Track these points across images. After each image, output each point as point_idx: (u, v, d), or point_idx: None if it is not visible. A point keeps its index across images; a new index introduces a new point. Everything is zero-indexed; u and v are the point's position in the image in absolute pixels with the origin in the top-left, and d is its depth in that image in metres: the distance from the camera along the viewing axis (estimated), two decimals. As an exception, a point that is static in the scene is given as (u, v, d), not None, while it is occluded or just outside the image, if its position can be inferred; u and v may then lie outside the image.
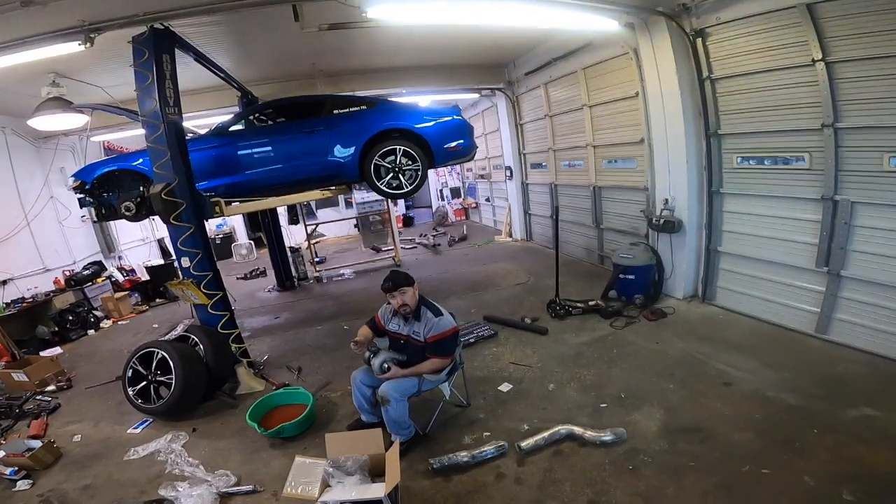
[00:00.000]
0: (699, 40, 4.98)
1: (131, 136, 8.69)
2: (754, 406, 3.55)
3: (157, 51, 4.13)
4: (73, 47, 4.03)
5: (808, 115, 4.19)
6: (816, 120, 4.12)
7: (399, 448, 3.07)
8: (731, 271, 5.40)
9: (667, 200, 5.71)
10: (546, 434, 3.34)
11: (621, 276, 5.87)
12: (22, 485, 3.58)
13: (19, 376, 5.43)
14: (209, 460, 3.64)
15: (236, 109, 7.27)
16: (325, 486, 3.03)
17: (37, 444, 3.94)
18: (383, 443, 3.17)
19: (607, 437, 3.27)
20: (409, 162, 5.34)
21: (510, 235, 11.11)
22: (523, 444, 3.27)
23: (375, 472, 3.04)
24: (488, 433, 3.56)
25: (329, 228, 13.10)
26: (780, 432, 3.20)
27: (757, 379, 3.92)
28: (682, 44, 5.10)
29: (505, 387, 4.24)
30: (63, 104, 5.50)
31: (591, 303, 5.76)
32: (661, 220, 5.67)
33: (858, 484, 2.65)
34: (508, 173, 10.59)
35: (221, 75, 6.02)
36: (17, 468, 3.69)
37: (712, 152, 5.22)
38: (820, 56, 3.95)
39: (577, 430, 3.37)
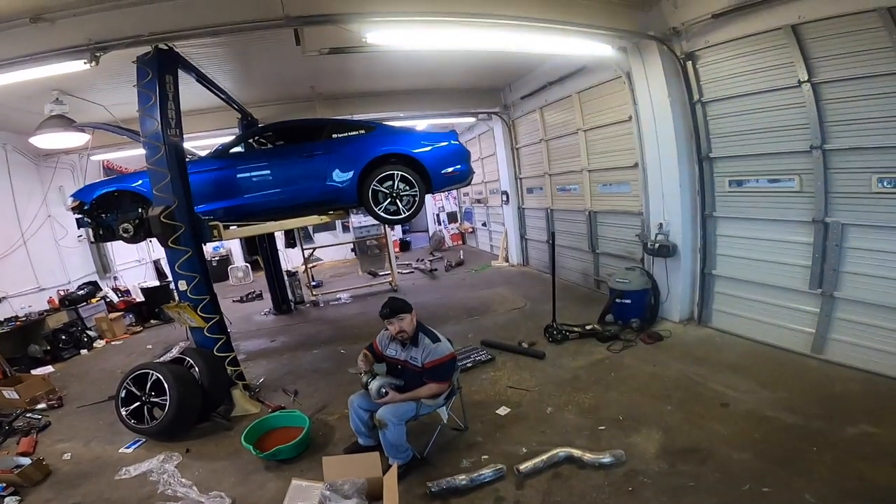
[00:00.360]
0: (689, 63, 5.13)
1: (132, 156, 8.72)
2: (752, 426, 3.54)
3: (161, 71, 4.18)
4: (78, 65, 4.06)
5: (797, 137, 4.31)
6: (805, 142, 4.23)
7: (397, 472, 3.04)
8: (726, 294, 5.44)
9: (661, 225, 5.79)
10: (545, 457, 3.31)
11: (617, 300, 5.89)
12: (10, 501, 3.54)
13: (10, 394, 5.37)
14: (203, 481, 3.57)
15: (236, 131, 7.36)
16: (323, 509, 2.97)
17: (26, 461, 3.91)
18: (381, 466, 3.14)
19: (606, 459, 3.24)
20: (407, 187, 5.36)
21: (507, 260, 11.13)
22: (522, 467, 3.23)
23: (373, 495, 3.00)
24: (486, 456, 3.52)
25: (326, 252, 13.08)
26: (779, 451, 3.19)
27: (754, 399, 3.92)
28: (673, 67, 5.24)
29: (503, 410, 4.21)
30: (65, 122, 5.54)
31: (587, 327, 5.77)
32: (656, 245, 5.73)
33: (860, 501, 2.66)
34: (505, 198, 10.67)
35: (223, 96, 6.09)
36: (4, 484, 3.66)
37: (705, 176, 5.32)
38: (806, 77, 4.08)
39: (576, 452, 3.34)
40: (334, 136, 5.67)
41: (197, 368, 4.52)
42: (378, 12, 4.10)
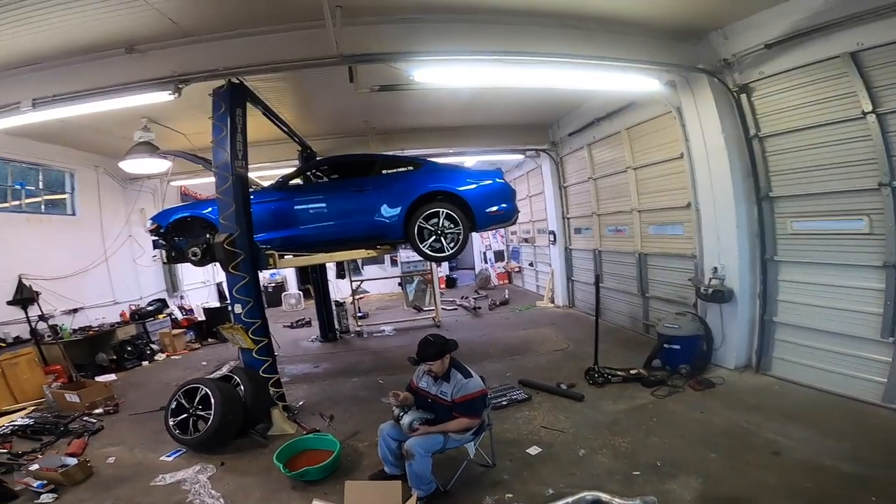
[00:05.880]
0: (744, 96, 4.93)
1: (204, 183, 9.46)
2: (805, 475, 3.31)
3: (232, 104, 4.59)
4: (163, 96, 4.51)
5: (864, 173, 4.01)
6: (873, 178, 3.93)
7: (415, 502, 2.99)
8: (788, 342, 5.05)
9: (716, 269, 5.50)
10: (570, 499, 3.15)
11: (666, 345, 5.60)
12: (45, 498, 3.68)
13: (72, 397, 5.75)
14: (231, 495, 3.64)
15: (296, 163, 7.76)
16: (338, 532, 2.94)
17: (72, 461, 4.08)
18: (401, 496, 3.10)
19: None
20: (452, 225, 5.37)
21: (552, 301, 10.88)
22: None
23: (389, 524, 2.93)
24: (511, 495, 3.41)
25: (373, 285, 13.36)
26: (833, 500, 2.99)
27: (810, 448, 3.66)
28: (725, 100, 5.06)
29: (533, 450, 4.07)
30: (151, 149, 6.12)
31: (632, 371, 5.50)
32: (710, 290, 5.44)
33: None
34: (552, 238, 10.55)
35: (285, 129, 6.48)
36: (45, 482, 3.81)
37: (764, 216, 5.05)
38: (870, 108, 3.83)
39: (605, 496, 3.15)
40: (384, 171, 5.86)
41: (242, 387, 4.67)
42: (422, 52, 4.37)
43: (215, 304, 10.90)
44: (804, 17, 4.16)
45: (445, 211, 5.35)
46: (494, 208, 5.56)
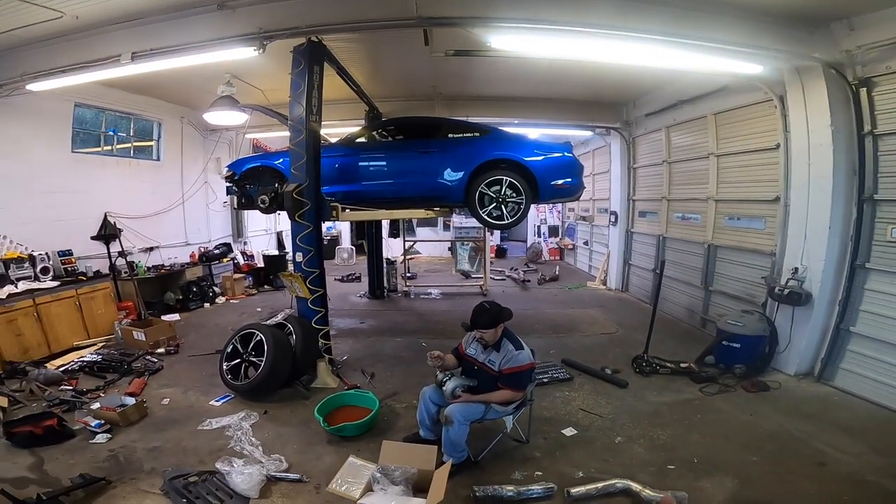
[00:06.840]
0: (863, 90, 4.44)
1: (275, 137, 9.93)
2: (845, 488, 3.21)
3: (311, 62, 4.65)
4: (249, 52, 4.59)
5: None
6: None
7: (449, 469, 3.04)
8: (861, 354, 4.67)
9: (796, 269, 5.06)
10: (600, 485, 3.15)
11: (724, 342, 5.29)
12: (100, 438, 3.82)
13: (138, 335, 6.08)
14: (269, 443, 3.80)
15: (363, 122, 7.81)
16: (369, 489, 3.08)
17: (131, 401, 4.23)
18: (435, 461, 3.18)
19: (665, 497, 2.93)
20: (514, 194, 5.34)
21: (604, 283, 10.53)
22: (573, 490, 3.10)
23: (419, 487, 3.05)
24: (540, 473, 3.41)
25: (424, 247, 13.48)
26: None
27: (858, 462, 3.51)
28: (841, 93, 4.58)
29: (569, 431, 4.05)
30: (232, 102, 6.37)
31: (682, 364, 5.28)
32: (786, 291, 5.02)
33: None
34: (613, 219, 10.10)
35: (355, 88, 6.53)
36: (103, 421, 3.95)
37: (863, 220, 4.59)
38: None
39: (635, 486, 3.12)
40: (450, 135, 5.85)
41: (294, 336, 4.83)
42: (503, 18, 4.14)
43: (274, 252, 11.41)
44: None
45: (509, 179, 5.32)
46: (560, 182, 5.49)
